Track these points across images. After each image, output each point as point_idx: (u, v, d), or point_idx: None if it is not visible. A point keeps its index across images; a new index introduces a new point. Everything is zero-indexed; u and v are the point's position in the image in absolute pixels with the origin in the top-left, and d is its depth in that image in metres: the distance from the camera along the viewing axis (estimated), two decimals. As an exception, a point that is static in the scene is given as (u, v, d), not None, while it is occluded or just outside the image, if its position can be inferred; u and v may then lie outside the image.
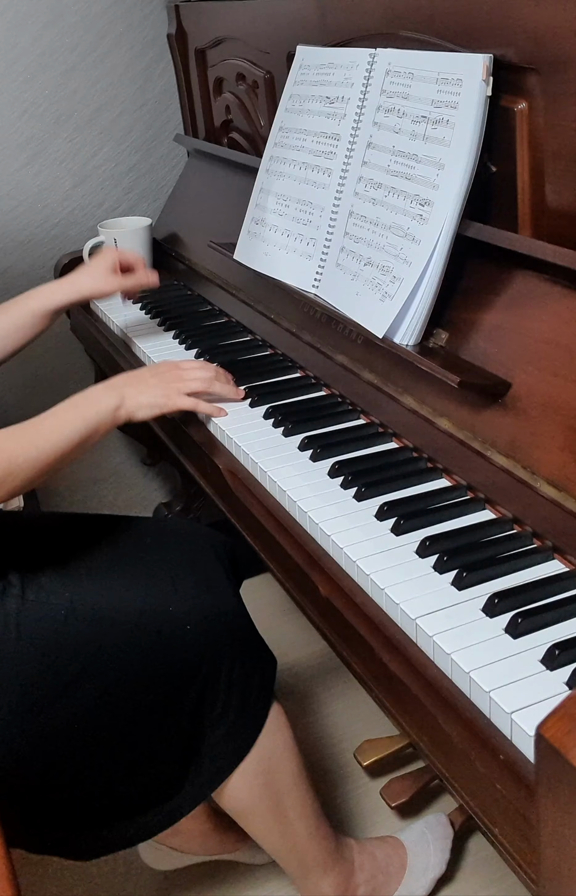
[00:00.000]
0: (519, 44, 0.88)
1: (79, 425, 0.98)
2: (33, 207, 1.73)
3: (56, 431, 0.96)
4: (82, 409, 1.00)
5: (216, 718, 0.98)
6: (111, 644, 0.93)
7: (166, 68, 1.72)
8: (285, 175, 1.21)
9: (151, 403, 1.05)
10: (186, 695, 0.96)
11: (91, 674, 0.91)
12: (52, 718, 0.90)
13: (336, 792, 1.41)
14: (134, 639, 0.94)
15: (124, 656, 0.94)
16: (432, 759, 0.76)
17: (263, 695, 1.02)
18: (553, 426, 0.84)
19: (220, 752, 1.00)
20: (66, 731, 0.91)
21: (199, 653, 0.96)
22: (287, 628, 1.70)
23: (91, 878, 1.31)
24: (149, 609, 0.97)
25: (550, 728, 0.57)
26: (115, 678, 0.93)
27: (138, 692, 0.94)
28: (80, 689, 0.91)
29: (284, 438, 1.07)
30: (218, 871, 1.29)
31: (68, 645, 0.92)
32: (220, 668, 0.97)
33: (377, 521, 0.90)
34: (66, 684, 0.90)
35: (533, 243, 0.90)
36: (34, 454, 0.93)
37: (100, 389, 1.04)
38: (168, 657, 0.95)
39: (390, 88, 1.04)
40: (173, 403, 1.07)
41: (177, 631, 0.96)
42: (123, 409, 1.03)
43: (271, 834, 1.08)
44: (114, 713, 0.93)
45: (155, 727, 0.96)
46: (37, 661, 0.90)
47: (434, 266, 0.97)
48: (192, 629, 0.96)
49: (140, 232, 1.60)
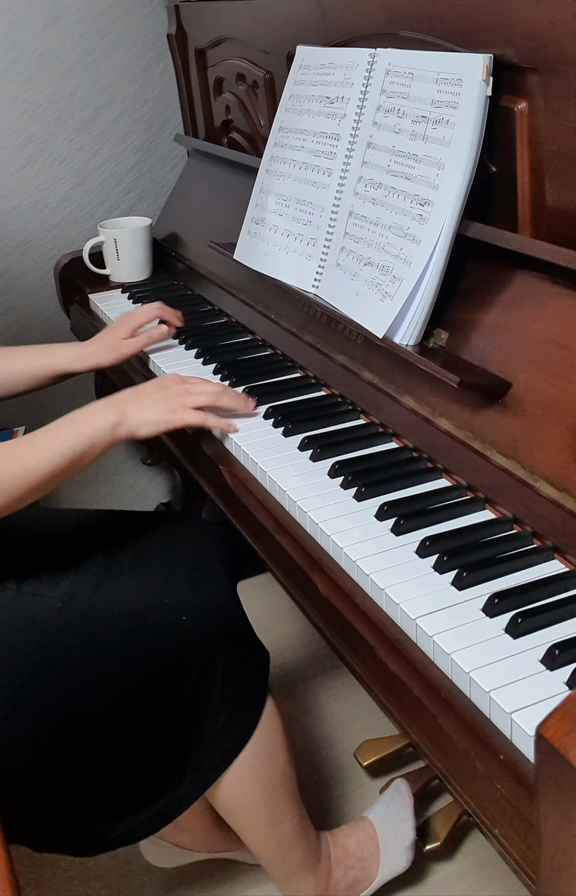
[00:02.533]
0: (519, 44, 0.88)
1: (72, 442, 0.94)
2: (33, 207, 1.73)
3: (46, 448, 0.93)
4: (78, 425, 0.96)
5: (213, 711, 0.99)
6: (106, 636, 0.93)
7: (166, 68, 1.72)
8: (285, 175, 1.21)
9: (155, 419, 1.01)
10: (181, 687, 0.96)
11: (86, 666, 0.91)
12: (47, 711, 0.90)
13: (336, 792, 1.41)
14: (129, 631, 0.94)
15: (119, 649, 0.94)
16: (432, 759, 0.76)
17: (259, 688, 1.02)
18: (553, 426, 0.84)
19: (217, 746, 1.00)
20: (61, 725, 0.91)
21: (194, 646, 0.96)
22: (287, 628, 1.70)
23: (91, 877, 1.31)
24: (145, 602, 0.97)
25: (550, 728, 0.57)
26: (110, 671, 0.93)
27: (133, 685, 0.94)
28: (74, 682, 0.91)
29: (284, 438, 1.07)
30: (218, 870, 1.29)
31: (63, 637, 0.92)
32: (215, 661, 0.97)
33: (377, 521, 0.90)
34: (60, 676, 0.90)
35: (533, 243, 0.90)
36: (19, 470, 0.90)
37: (100, 405, 1.01)
38: (163, 649, 0.95)
39: (390, 88, 1.04)
40: (180, 419, 1.03)
41: (172, 624, 0.96)
42: (124, 425, 0.99)
43: (260, 831, 1.08)
44: (109, 706, 0.93)
45: (151, 720, 0.96)
46: (31, 653, 0.90)
47: (434, 266, 0.97)
48: (187, 622, 0.96)
49: (140, 232, 1.60)
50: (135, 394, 1.04)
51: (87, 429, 0.96)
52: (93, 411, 0.99)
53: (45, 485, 0.92)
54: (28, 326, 1.81)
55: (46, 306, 1.80)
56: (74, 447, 0.94)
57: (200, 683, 0.97)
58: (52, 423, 0.97)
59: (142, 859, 1.27)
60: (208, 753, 1.00)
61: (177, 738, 0.98)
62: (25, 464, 0.91)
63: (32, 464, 0.91)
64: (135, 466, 2.02)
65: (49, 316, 1.81)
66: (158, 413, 1.02)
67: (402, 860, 1.19)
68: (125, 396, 1.03)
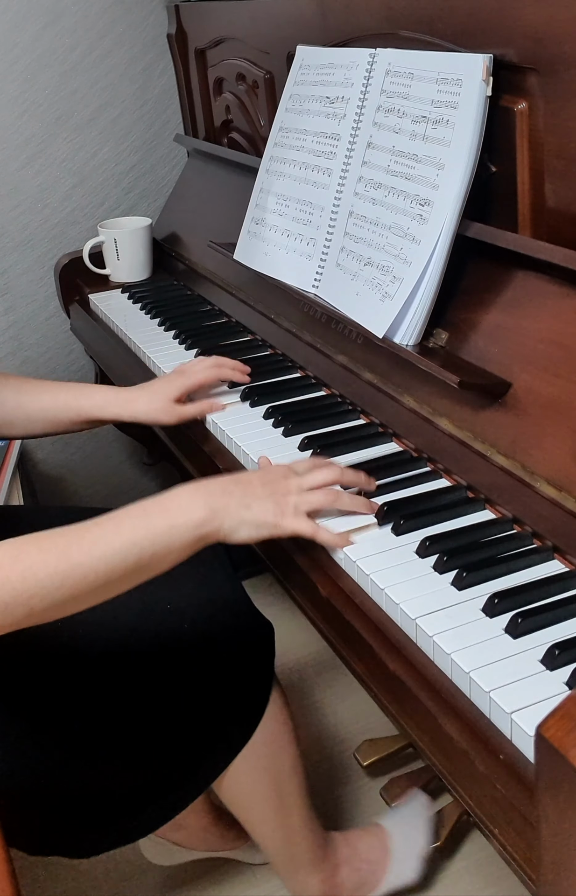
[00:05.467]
0: (519, 44, 0.88)
1: (141, 538, 0.74)
2: (33, 207, 1.73)
3: (105, 542, 0.73)
4: (153, 518, 0.76)
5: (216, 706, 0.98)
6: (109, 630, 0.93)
7: (166, 68, 1.72)
8: (285, 175, 1.21)
9: (257, 522, 0.81)
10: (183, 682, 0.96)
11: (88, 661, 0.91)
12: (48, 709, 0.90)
13: (336, 792, 1.41)
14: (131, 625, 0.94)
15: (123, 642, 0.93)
16: (432, 759, 0.76)
17: (263, 681, 1.02)
18: (553, 426, 0.84)
19: (221, 740, 1.00)
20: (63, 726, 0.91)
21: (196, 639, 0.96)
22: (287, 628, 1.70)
23: (91, 877, 1.31)
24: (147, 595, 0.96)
25: (550, 728, 0.56)
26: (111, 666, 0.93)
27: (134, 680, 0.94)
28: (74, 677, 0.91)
29: (284, 438, 1.07)
30: (217, 870, 1.29)
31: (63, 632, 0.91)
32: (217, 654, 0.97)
33: (377, 521, 0.90)
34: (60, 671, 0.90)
35: (533, 243, 0.90)
36: (65, 568, 0.70)
37: (187, 492, 0.80)
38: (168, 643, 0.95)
39: (390, 88, 1.04)
40: (288, 526, 0.83)
41: (175, 623, 0.96)
42: (216, 525, 0.79)
43: (269, 824, 1.08)
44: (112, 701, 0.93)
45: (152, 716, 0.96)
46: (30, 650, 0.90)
47: (434, 266, 0.97)
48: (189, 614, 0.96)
49: (140, 232, 1.60)
50: (234, 484, 0.83)
51: (164, 522, 0.76)
52: (177, 502, 0.79)
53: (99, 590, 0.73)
54: (28, 326, 1.81)
55: (46, 306, 1.80)
56: (143, 546, 0.74)
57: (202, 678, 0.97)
58: (120, 510, 0.77)
59: (141, 858, 1.27)
60: (211, 750, 1.00)
61: (179, 735, 0.98)
62: (74, 559, 0.71)
63: (84, 560, 0.71)
64: (135, 466, 2.02)
65: (49, 316, 1.81)
66: (261, 515, 0.82)
67: (412, 870, 1.19)
68: (222, 487, 0.82)
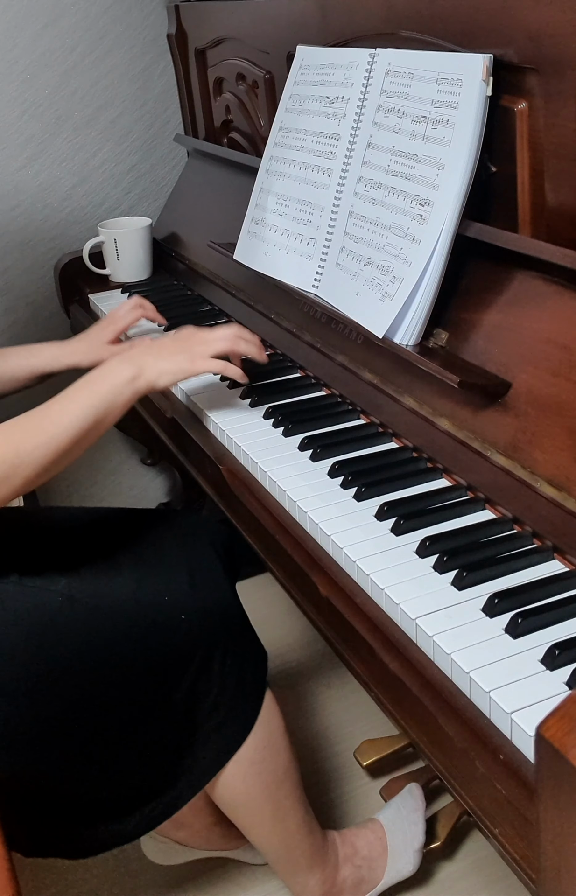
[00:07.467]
0: (519, 44, 0.88)
1: (93, 401, 0.94)
2: (33, 207, 1.73)
3: (67, 412, 0.92)
4: (95, 385, 0.96)
5: (210, 708, 0.99)
6: (106, 633, 0.93)
7: (166, 68, 1.72)
8: (285, 175, 1.21)
9: (173, 369, 1.01)
10: (179, 684, 0.96)
11: (85, 662, 0.91)
12: (44, 707, 0.90)
13: (336, 792, 1.41)
14: (129, 628, 0.94)
15: (119, 645, 0.94)
16: (432, 759, 0.76)
17: (257, 683, 1.02)
18: (553, 426, 0.84)
19: (214, 742, 1.00)
20: (59, 720, 0.91)
21: (193, 642, 0.96)
22: (287, 628, 1.70)
23: (91, 877, 1.31)
24: (145, 599, 0.97)
25: (550, 728, 0.57)
26: (109, 667, 0.93)
27: (132, 681, 0.94)
28: (73, 677, 0.91)
29: (284, 438, 1.07)
30: (218, 869, 1.29)
31: (63, 632, 0.92)
32: (213, 658, 0.97)
33: (377, 521, 0.90)
34: (59, 671, 0.90)
35: (533, 243, 0.90)
36: (44, 439, 0.90)
37: (115, 361, 1.00)
38: (162, 646, 0.95)
39: (390, 88, 1.04)
40: (198, 367, 1.03)
41: (171, 621, 0.96)
42: (142, 378, 0.98)
43: (263, 826, 1.08)
44: (107, 702, 0.93)
45: (149, 717, 0.96)
46: (31, 648, 0.90)
47: (434, 266, 0.97)
48: (186, 619, 0.96)
49: (140, 232, 1.60)
50: (151, 346, 1.03)
51: (105, 386, 0.96)
52: (109, 368, 0.98)
53: (73, 449, 0.92)
54: (28, 326, 1.81)
55: (46, 306, 1.80)
56: (96, 406, 0.94)
57: (197, 680, 0.97)
58: (69, 387, 0.96)
59: (142, 858, 1.27)
60: (205, 750, 1.00)
61: (173, 735, 0.98)
62: (48, 431, 0.90)
63: (56, 430, 0.91)
64: (135, 466, 2.02)
65: (49, 316, 1.81)
66: (175, 363, 1.01)
67: (409, 864, 1.19)
68: (141, 350, 1.02)
